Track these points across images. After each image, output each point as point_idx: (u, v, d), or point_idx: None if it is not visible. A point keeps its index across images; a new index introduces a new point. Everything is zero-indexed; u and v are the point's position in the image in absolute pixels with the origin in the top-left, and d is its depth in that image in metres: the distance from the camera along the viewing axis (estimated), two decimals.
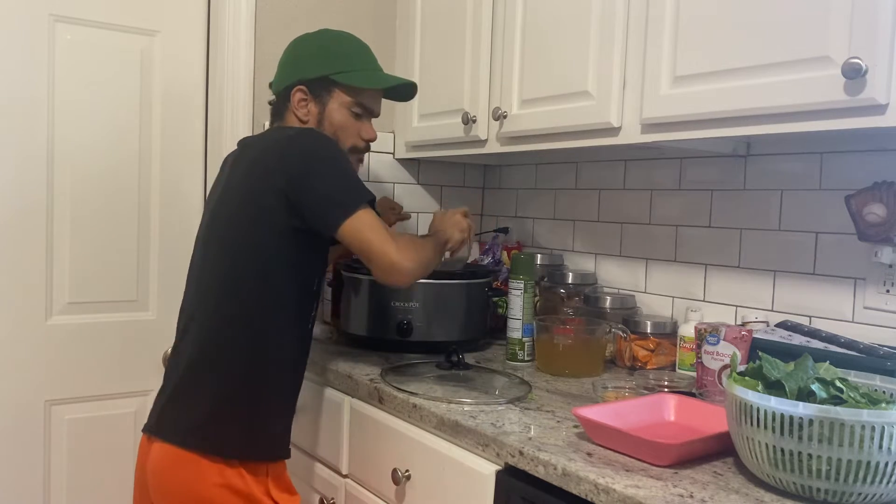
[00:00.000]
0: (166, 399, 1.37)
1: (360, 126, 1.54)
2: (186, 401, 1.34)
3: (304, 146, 1.34)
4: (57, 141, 1.78)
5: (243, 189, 1.35)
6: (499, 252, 2.21)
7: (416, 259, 1.35)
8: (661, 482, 1.01)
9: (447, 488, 1.31)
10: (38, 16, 1.75)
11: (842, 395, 0.97)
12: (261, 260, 1.33)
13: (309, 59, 1.51)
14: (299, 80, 1.49)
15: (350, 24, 2.13)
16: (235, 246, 1.34)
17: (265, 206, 1.31)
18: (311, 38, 1.56)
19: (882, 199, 1.38)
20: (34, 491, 1.80)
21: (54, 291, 1.81)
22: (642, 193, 1.91)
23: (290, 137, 1.37)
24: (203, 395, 1.32)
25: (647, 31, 1.42)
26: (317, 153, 1.34)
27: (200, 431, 1.30)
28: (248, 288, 1.33)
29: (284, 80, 1.52)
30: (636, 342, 1.70)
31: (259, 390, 1.34)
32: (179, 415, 1.34)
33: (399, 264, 1.31)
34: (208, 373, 1.33)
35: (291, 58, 1.55)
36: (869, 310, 1.45)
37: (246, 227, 1.33)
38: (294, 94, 1.48)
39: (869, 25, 1.09)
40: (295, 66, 1.52)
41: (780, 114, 1.21)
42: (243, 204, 1.34)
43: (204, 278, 1.39)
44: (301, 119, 1.49)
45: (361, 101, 1.52)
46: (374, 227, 1.31)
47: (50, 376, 1.81)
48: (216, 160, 1.94)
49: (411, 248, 1.36)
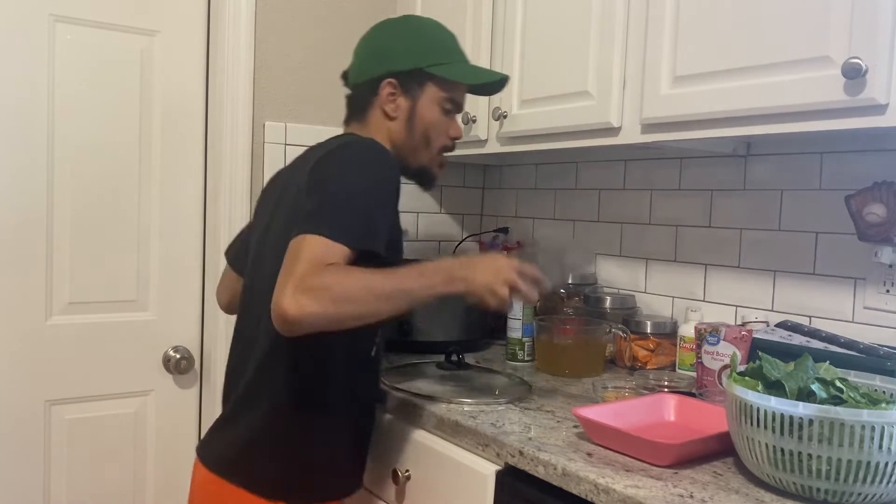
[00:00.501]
0: (219, 422, 1.30)
1: (450, 123, 1.39)
2: (233, 427, 1.26)
3: (350, 155, 1.19)
4: (57, 141, 1.78)
5: (296, 199, 1.20)
6: (499, 252, 2.21)
7: (320, 302, 1.03)
8: (661, 482, 1.01)
9: (447, 488, 1.31)
10: (38, 16, 1.75)
11: (842, 395, 0.97)
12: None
13: (401, 48, 1.35)
14: (389, 72, 1.33)
15: (350, 24, 2.13)
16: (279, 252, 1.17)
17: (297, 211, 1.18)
18: (400, 26, 1.41)
19: (882, 199, 1.38)
20: (34, 491, 1.80)
21: (54, 292, 1.81)
22: (642, 193, 1.91)
23: (347, 145, 1.22)
24: (251, 423, 1.23)
25: (647, 31, 1.42)
26: (353, 167, 1.17)
27: (242, 461, 1.22)
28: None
29: (370, 71, 1.35)
30: (636, 342, 1.70)
31: (309, 422, 1.23)
32: (226, 440, 1.26)
33: (281, 304, 1.02)
34: (260, 398, 1.23)
35: (379, 46, 1.38)
36: (869, 310, 1.45)
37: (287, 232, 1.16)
38: (384, 87, 1.33)
39: (869, 25, 1.09)
40: (384, 55, 1.36)
41: (780, 114, 1.21)
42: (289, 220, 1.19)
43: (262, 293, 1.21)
44: (389, 115, 1.34)
45: (454, 96, 1.38)
46: (299, 256, 1.05)
47: (50, 376, 1.81)
48: (216, 160, 1.95)
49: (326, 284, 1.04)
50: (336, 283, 1.05)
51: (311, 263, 1.05)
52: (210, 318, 1.97)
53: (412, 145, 1.36)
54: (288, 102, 2.05)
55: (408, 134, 1.35)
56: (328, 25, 2.10)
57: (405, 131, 1.35)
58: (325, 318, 1.05)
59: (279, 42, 2.03)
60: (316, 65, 2.08)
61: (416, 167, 1.39)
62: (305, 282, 1.03)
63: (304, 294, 1.02)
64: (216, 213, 1.94)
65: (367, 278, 1.08)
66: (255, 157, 1.99)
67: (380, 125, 1.36)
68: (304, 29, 2.07)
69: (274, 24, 2.01)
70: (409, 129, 1.35)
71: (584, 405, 1.26)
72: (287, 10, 2.03)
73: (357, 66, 1.40)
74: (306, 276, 1.03)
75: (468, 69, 1.41)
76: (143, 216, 1.91)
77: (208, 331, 1.98)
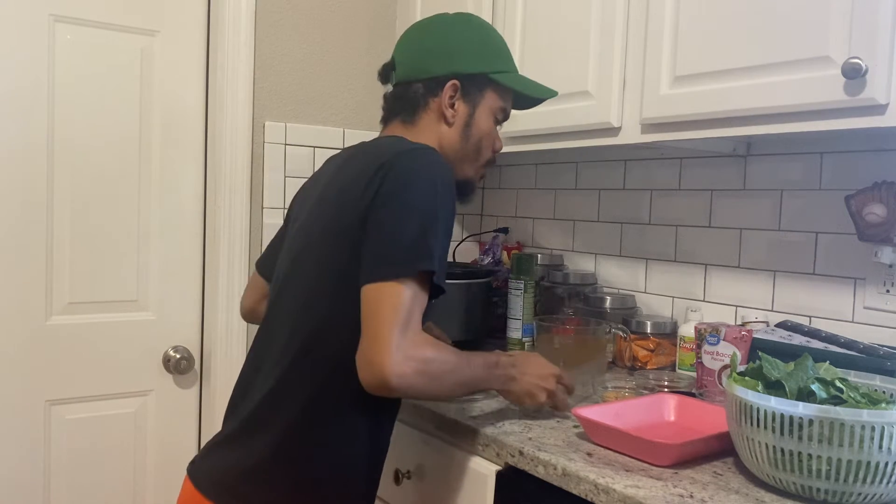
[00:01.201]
0: (218, 442, 1.18)
1: (496, 135, 1.32)
2: (234, 451, 1.13)
3: (406, 181, 1.07)
4: (57, 141, 1.78)
5: (339, 219, 1.11)
6: (499, 252, 2.21)
7: (418, 376, 1.01)
8: (661, 482, 1.01)
9: (447, 488, 1.31)
10: (38, 16, 1.75)
11: (842, 395, 0.97)
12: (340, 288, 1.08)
13: (468, 49, 1.25)
14: (454, 73, 1.23)
15: (350, 24, 2.14)
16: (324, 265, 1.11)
17: (347, 227, 1.08)
18: (463, 24, 1.29)
19: (882, 199, 1.38)
20: (34, 491, 1.80)
21: (54, 291, 1.81)
22: (642, 193, 1.91)
23: (410, 153, 1.11)
24: (255, 450, 1.10)
25: (647, 31, 1.42)
26: (425, 189, 1.07)
27: (240, 489, 1.10)
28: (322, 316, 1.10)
29: (430, 69, 1.24)
30: (636, 342, 1.71)
31: (320, 457, 1.11)
32: (224, 464, 1.14)
33: (383, 368, 0.98)
34: (268, 425, 1.11)
35: (442, 44, 1.26)
36: (869, 310, 1.45)
37: (338, 247, 1.10)
38: (448, 88, 1.23)
39: (869, 25, 1.09)
40: (449, 54, 1.24)
41: (780, 114, 1.22)
42: (341, 218, 1.11)
43: (290, 314, 1.15)
44: (447, 120, 1.24)
45: (507, 106, 1.30)
46: (395, 306, 1.00)
47: (50, 376, 1.81)
48: (216, 160, 1.95)
49: (427, 359, 1.02)
50: (434, 359, 1.04)
51: (399, 314, 1.00)
52: (210, 319, 1.97)
53: (463, 155, 1.27)
54: (288, 102, 2.05)
55: (462, 142, 1.26)
56: (328, 25, 2.10)
57: (460, 139, 1.26)
58: (415, 392, 1.04)
59: (279, 42, 2.03)
60: (316, 65, 2.08)
61: (462, 178, 1.28)
62: (409, 351, 1.00)
63: (406, 363, 0.99)
64: (216, 213, 1.94)
65: (455, 362, 1.09)
66: (255, 157, 1.99)
67: (431, 129, 1.25)
68: (304, 29, 2.07)
69: (274, 24, 2.01)
70: (464, 137, 1.26)
71: (584, 405, 1.26)
72: (287, 10, 2.03)
73: (410, 62, 1.27)
74: (411, 345, 1.00)
75: (528, 80, 1.32)
76: (143, 216, 1.91)
77: (208, 331, 1.98)
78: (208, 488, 1.12)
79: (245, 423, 1.13)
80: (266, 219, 2.01)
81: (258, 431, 1.11)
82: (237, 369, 1.33)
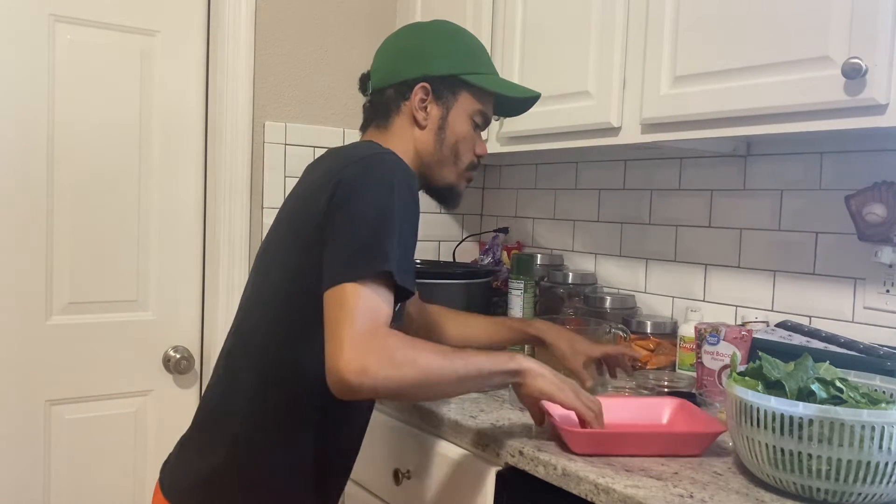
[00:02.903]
0: (181, 442, 1.18)
1: (477, 139, 1.29)
2: (192, 452, 1.14)
3: (359, 184, 1.04)
4: (57, 141, 1.78)
5: (298, 207, 1.12)
6: (499, 252, 2.21)
7: (383, 368, 0.94)
8: (661, 482, 1.01)
9: (447, 488, 1.31)
10: (38, 16, 1.75)
11: (842, 395, 0.97)
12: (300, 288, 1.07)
13: (438, 52, 1.24)
14: (423, 76, 1.22)
15: (350, 24, 2.14)
16: (277, 269, 1.12)
17: (303, 235, 1.08)
18: (434, 29, 1.30)
19: (882, 199, 1.38)
20: (34, 491, 1.80)
21: (54, 291, 1.80)
22: (642, 193, 1.91)
23: (366, 158, 1.09)
24: (212, 453, 1.10)
25: (647, 31, 1.42)
26: (368, 196, 1.03)
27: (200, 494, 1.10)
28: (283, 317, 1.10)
29: (401, 73, 1.23)
30: (636, 342, 1.70)
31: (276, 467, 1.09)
32: (185, 466, 1.14)
33: (339, 366, 0.93)
34: (225, 419, 1.11)
35: (412, 47, 1.26)
36: (869, 310, 1.45)
37: (289, 251, 1.10)
38: (417, 91, 1.22)
39: (869, 25, 1.09)
40: (419, 57, 1.24)
41: (780, 114, 1.22)
42: (294, 223, 1.12)
43: (245, 307, 1.17)
44: (419, 123, 1.23)
45: (485, 109, 1.27)
46: (351, 307, 0.95)
47: (50, 376, 1.81)
48: (216, 160, 1.95)
49: (390, 347, 0.96)
50: (400, 346, 0.97)
51: (354, 309, 0.95)
52: (210, 319, 1.97)
53: (440, 159, 1.25)
54: (288, 102, 2.05)
55: (437, 145, 1.24)
56: (328, 25, 2.10)
57: (434, 142, 1.24)
58: (388, 387, 0.96)
59: (279, 42, 2.03)
60: (316, 65, 2.08)
61: (442, 184, 1.27)
62: (368, 345, 0.94)
63: (365, 357, 0.93)
64: (216, 213, 1.94)
65: (437, 351, 1.02)
66: (255, 157, 1.99)
67: (405, 133, 1.24)
68: (304, 29, 2.07)
69: (274, 24, 2.01)
70: (438, 140, 1.24)
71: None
72: (287, 10, 2.03)
73: (383, 68, 1.27)
74: (370, 339, 0.94)
75: (505, 82, 1.31)
76: (143, 216, 1.91)
77: (208, 331, 1.98)
78: (168, 490, 1.14)
79: (199, 426, 1.16)
80: (266, 219, 2.01)
81: (212, 435, 1.12)
82: None
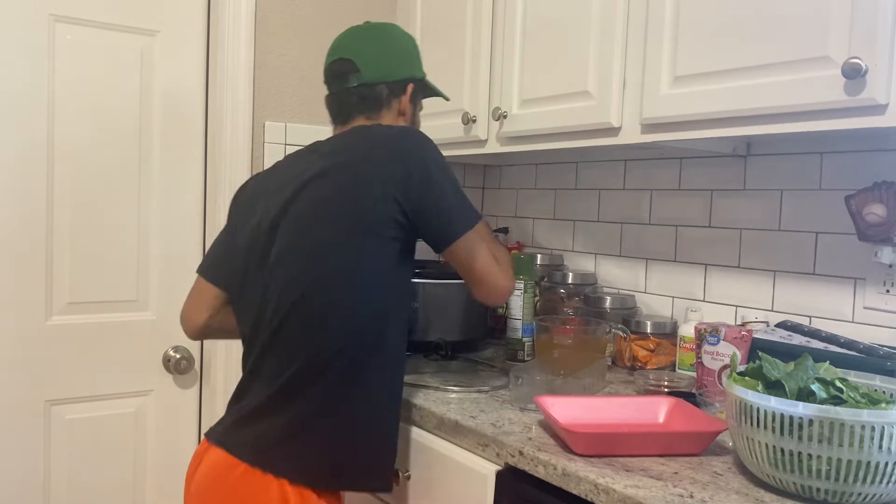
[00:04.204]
0: (248, 412, 1.26)
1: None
2: (270, 418, 1.23)
3: (425, 155, 1.26)
4: (57, 141, 1.78)
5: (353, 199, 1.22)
6: None
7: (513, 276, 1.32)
8: (661, 482, 1.01)
9: (447, 488, 1.31)
10: (38, 16, 1.75)
11: (842, 395, 0.97)
12: (364, 269, 1.22)
13: (415, 54, 1.45)
14: (412, 77, 1.42)
15: (350, 24, 2.13)
16: (335, 253, 1.22)
17: (379, 220, 1.21)
18: (406, 35, 1.48)
19: (882, 199, 1.38)
20: (34, 491, 1.80)
21: (54, 291, 1.81)
22: (642, 193, 1.91)
23: (407, 140, 1.28)
24: (290, 415, 1.22)
25: (647, 31, 1.42)
26: (438, 162, 1.27)
27: (279, 451, 1.21)
28: (351, 299, 1.22)
29: (396, 73, 1.40)
30: (636, 342, 1.71)
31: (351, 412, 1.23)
32: (260, 433, 1.23)
33: (505, 287, 1.30)
34: (301, 390, 1.22)
35: (401, 50, 1.44)
36: (869, 310, 1.45)
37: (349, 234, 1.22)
38: (409, 89, 1.41)
39: (869, 25, 1.09)
40: (408, 60, 1.43)
41: (780, 114, 1.21)
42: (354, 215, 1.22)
43: (290, 290, 1.24)
44: (406, 115, 1.42)
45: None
46: (484, 248, 1.27)
47: (50, 376, 1.81)
48: (216, 160, 1.95)
49: (508, 264, 1.32)
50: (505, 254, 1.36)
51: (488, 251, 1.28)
52: None
53: None
54: (288, 102, 2.05)
55: None
56: (328, 25, 2.10)
57: None
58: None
59: (279, 42, 2.03)
60: (316, 64, 2.08)
61: None
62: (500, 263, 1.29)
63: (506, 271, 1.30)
64: (216, 213, 1.94)
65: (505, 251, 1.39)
66: (255, 157, 1.99)
67: (392, 123, 1.40)
68: (304, 28, 2.07)
69: (274, 24, 2.01)
70: None
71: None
72: (287, 10, 2.04)
73: (375, 66, 1.39)
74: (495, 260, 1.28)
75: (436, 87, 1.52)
76: (143, 216, 1.91)
77: None
78: (248, 455, 1.22)
79: (278, 395, 1.23)
80: None
81: (293, 400, 1.22)
82: (237, 369, 1.35)
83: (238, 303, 1.37)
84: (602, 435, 1.12)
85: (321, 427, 1.22)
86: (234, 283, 1.37)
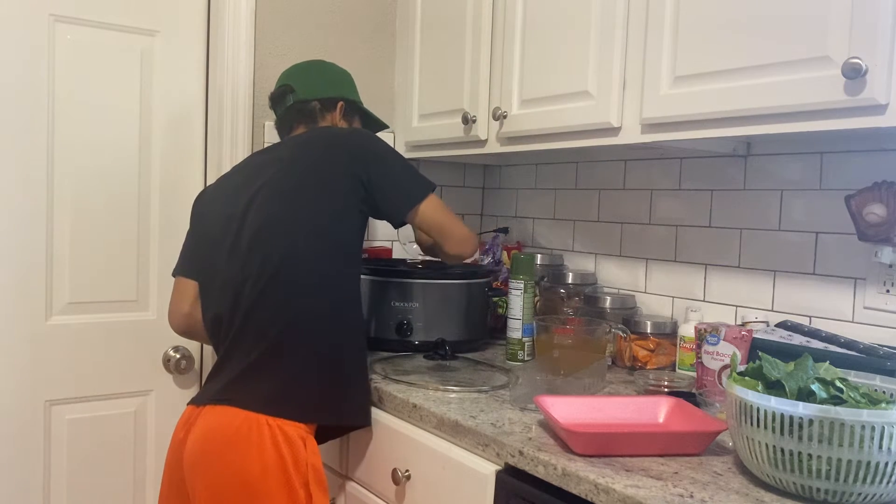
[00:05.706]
0: (237, 374, 1.38)
1: None
2: (265, 374, 1.37)
3: (374, 141, 1.53)
4: (57, 141, 1.78)
5: (317, 177, 1.44)
6: (499, 252, 2.21)
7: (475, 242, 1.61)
8: (660, 482, 1.01)
9: (447, 488, 1.31)
10: (38, 16, 1.75)
11: (842, 395, 0.97)
12: (336, 241, 1.43)
13: (347, 83, 1.73)
14: (341, 97, 1.68)
15: (350, 24, 2.14)
16: (310, 227, 1.41)
17: (341, 191, 1.43)
18: (336, 67, 1.77)
19: (882, 199, 1.38)
20: (34, 491, 1.80)
21: (54, 291, 1.81)
22: (642, 193, 1.91)
23: (357, 132, 1.59)
24: (285, 367, 1.37)
25: (647, 31, 1.42)
26: (386, 147, 1.54)
27: (281, 397, 1.36)
28: (327, 266, 1.41)
29: (326, 91, 1.67)
30: (636, 342, 1.71)
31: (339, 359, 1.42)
32: (255, 386, 1.36)
33: (473, 236, 1.58)
34: (294, 345, 1.38)
35: (329, 76, 1.73)
36: (869, 310, 1.45)
37: (322, 212, 1.42)
38: (340, 106, 1.67)
39: (869, 25, 1.09)
40: (337, 84, 1.71)
41: (780, 114, 1.21)
42: (319, 190, 1.43)
43: (268, 262, 1.40)
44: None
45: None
46: (444, 207, 1.54)
47: (50, 376, 1.81)
48: (216, 160, 1.95)
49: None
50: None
51: (448, 209, 1.55)
52: None
53: None
54: None
55: None
56: (328, 25, 2.10)
57: None
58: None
59: (279, 42, 2.03)
60: None
61: None
62: (465, 232, 1.56)
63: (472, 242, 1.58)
64: None
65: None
66: None
67: None
68: (304, 29, 2.07)
69: (274, 25, 2.01)
70: None
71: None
72: (287, 11, 2.03)
73: (309, 86, 1.67)
74: (463, 228, 1.56)
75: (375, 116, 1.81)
76: (143, 216, 1.91)
77: None
78: (253, 404, 1.34)
79: (270, 352, 1.37)
80: None
81: (286, 354, 1.37)
82: None
83: (210, 288, 1.49)
84: (602, 435, 1.13)
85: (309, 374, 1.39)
86: (205, 271, 1.51)
